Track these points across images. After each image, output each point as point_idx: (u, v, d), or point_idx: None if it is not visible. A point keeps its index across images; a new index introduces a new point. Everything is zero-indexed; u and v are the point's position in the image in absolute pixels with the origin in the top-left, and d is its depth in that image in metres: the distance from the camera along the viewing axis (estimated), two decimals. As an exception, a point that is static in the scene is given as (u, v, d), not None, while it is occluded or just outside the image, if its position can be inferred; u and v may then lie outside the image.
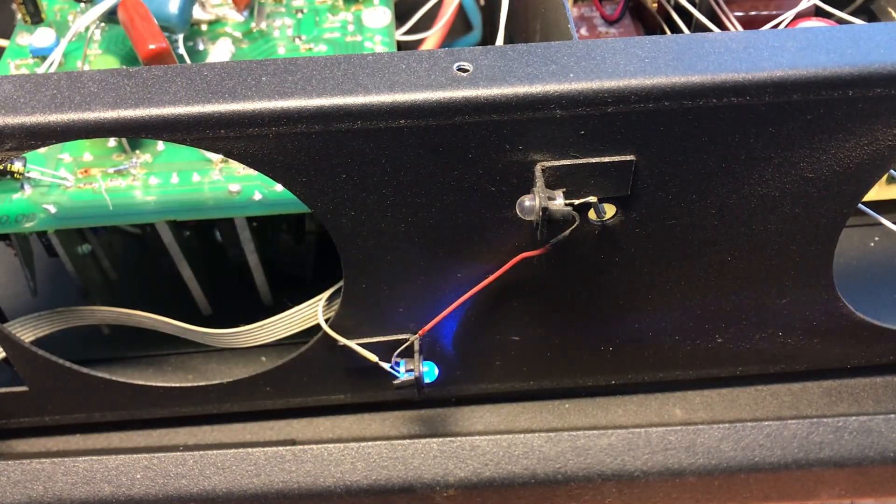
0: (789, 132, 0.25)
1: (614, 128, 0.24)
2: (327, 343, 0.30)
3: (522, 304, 0.30)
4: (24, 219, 0.30)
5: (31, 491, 0.30)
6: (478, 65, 0.24)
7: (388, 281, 0.28)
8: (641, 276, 0.29)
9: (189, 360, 0.37)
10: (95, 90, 0.23)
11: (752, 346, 0.33)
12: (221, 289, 0.37)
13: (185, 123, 0.23)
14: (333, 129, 0.23)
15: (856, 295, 0.31)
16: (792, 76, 0.24)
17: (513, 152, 0.24)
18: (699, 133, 0.25)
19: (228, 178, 0.31)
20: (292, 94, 0.23)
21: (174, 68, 0.24)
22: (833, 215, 0.28)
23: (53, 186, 0.31)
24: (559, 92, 0.23)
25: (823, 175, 0.26)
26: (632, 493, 0.31)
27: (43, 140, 0.23)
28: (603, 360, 0.33)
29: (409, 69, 0.24)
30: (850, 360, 0.34)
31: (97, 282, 0.37)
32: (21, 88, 0.24)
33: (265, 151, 0.24)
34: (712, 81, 0.23)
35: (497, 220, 0.26)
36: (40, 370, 0.31)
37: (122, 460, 0.30)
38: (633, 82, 0.23)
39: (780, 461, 0.30)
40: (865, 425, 0.30)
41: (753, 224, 0.28)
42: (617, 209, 0.27)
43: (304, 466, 0.31)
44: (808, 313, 0.31)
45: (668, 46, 0.25)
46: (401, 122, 0.23)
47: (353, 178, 0.25)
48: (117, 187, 0.31)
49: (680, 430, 0.29)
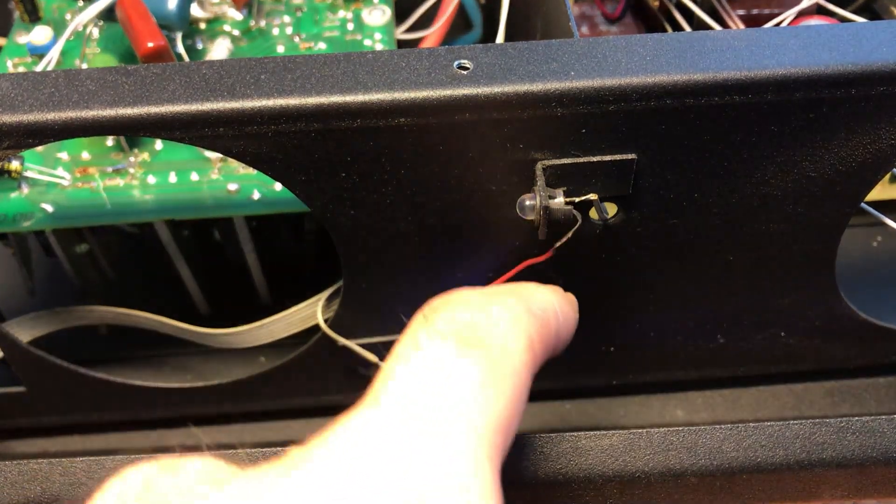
0: (791, 131, 0.25)
1: (616, 126, 0.24)
2: (327, 343, 0.30)
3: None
4: (22, 218, 0.30)
5: (29, 492, 0.30)
6: (478, 63, 0.24)
7: (387, 281, 0.28)
8: (642, 275, 0.29)
9: (188, 361, 0.36)
10: (93, 88, 0.23)
11: (754, 346, 0.33)
12: (220, 289, 0.37)
13: (183, 122, 0.23)
14: (333, 128, 0.23)
15: (858, 295, 0.31)
16: (794, 74, 0.23)
17: (513, 151, 0.24)
18: (701, 131, 0.24)
19: (227, 177, 0.31)
20: (291, 93, 0.23)
21: (172, 66, 0.24)
22: (835, 214, 0.28)
23: (51, 185, 0.31)
24: (560, 90, 0.23)
25: (826, 174, 0.26)
26: (633, 494, 0.31)
27: (41, 138, 0.23)
28: (604, 360, 0.33)
29: (408, 67, 0.24)
30: (853, 361, 0.34)
31: (95, 281, 0.36)
32: (19, 86, 0.23)
33: (264, 150, 0.24)
34: (714, 79, 0.23)
35: (497, 220, 0.26)
36: (38, 370, 0.31)
37: (120, 461, 0.30)
38: (635, 80, 0.23)
39: (783, 462, 0.29)
40: (868, 426, 0.29)
41: (755, 223, 0.28)
42: (618, 208, 0.27)
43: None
44: (810, 313, 0.31)
45: (670, 44, 0.24)
46: (400, 121, 0.23)
47: (352, 176, 0.25)
48: (115, 186, 0.31)
49: (682, 431, 0.29)
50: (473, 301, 0.20)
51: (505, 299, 0.21)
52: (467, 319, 0.19)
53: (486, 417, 0.17)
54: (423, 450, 0.16)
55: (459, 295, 0.21)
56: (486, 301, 0.20)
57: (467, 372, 0.18)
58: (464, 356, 0.18)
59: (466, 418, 0.17)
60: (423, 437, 0.16)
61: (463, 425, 0.17)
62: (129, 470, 0.17)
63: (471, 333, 0.19)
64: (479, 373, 0.18)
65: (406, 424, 0.16)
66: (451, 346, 0.18)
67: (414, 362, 0.18)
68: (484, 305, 0.20)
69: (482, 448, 0.17)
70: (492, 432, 0.17)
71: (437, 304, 0.20)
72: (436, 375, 0.17)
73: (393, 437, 0.16)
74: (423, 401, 0.17)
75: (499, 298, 0.21)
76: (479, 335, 0.19)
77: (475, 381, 0.18)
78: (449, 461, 0.16)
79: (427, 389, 0.17)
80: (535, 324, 0.20)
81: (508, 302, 0.20)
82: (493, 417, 0.17)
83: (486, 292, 0.21)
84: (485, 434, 0.17)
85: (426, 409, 0.17)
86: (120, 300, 0.33)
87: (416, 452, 0.16)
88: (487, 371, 0.18)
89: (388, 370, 0.18)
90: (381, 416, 0.17)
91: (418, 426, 0.16)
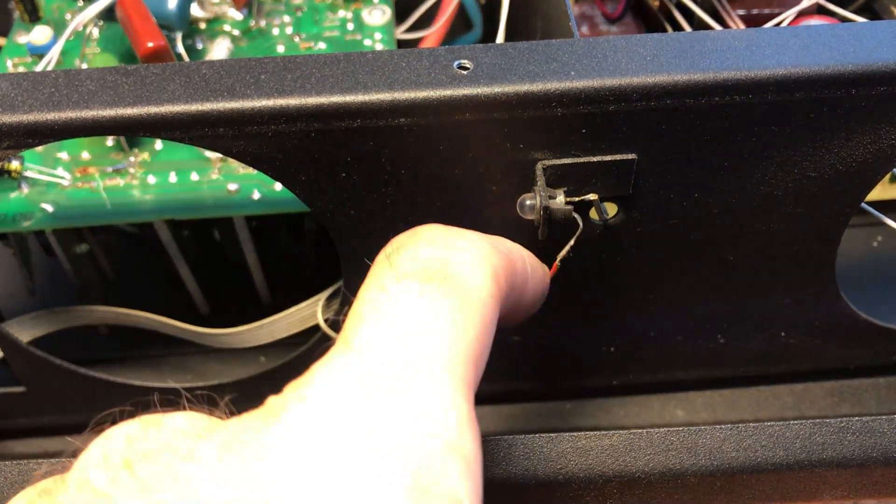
0: (792, 131, 0.25)
1: (616, 126, 0.24)
2: (326, 343, 0.30)
3: (523, 304, 0.30)
4: (22, 218, 0.30)
5: (29, 492, 0.30)
6: (478, 63, 0.24)
7: (387, 280, 0.28)
8: (642, 275, 0.29)
9: (187, 361, 0.36)
10: (93, 88, 0.23)
11: (755, 346, 0.32)
12: (220, 288, 0.37)
13: (183, 121, 0.23)
14: (333, 128, 0.23)
15: (858, 295, 0.31)
16: (794, 74, 0.23)
17: (514, 151, 0.24)
18: (701, 131, 0.24)
19: (227, 177, 0.31)
20: (291, 93, 0.23)
21: (172, 66, 0.24)
22: (836, 214, 0.28)
23: (51, 185, 0.31)
24: (560, 90, 0.23)
25: (826, 174, 0.26)
26: (633, 494, 0.31)
27: (40, 138, 0.23)
28: (604, 361, 0.33)
29: (409, 67, 0.24)
30: (853, 361, 0.34)
31: (95, 281, 0.36)
32: (18, 86, 0.23)
33: (264, 150, 0.24)
34: (714, 79, 0.23)
35: (498, 220, 0.26)
36: (38, 370, 0.31)
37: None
38: (635, 80, 0.23)
39: (783, 462, 0.29)
40: (868, 426, 0.29)
41: (755, 223, 0.28)
42: (618, 208, 0.27)
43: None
44: (810, 313, 0.31)
45: (670, 44, 0.24)
46: (401, 121, 0.23)
47: (352, 176, 0.25)
48: (115, 186, 0.31)
49: (682, 431, 0.29)
50: (437, 237, 0.20)
51: (468, 234, 0.21)
52: (431, 255, 0.19)
53: (458, 352, 0.17)
54: (401, 392, 0.16)
55: (422, 231, 0.20)
56: (449, 236, 0.20)
57: (434, 309, 0.18)
58: (429, 293, 0.18)
59: (438, 356, 0.17)
60: (398, 381, 0.16)
61: (436, 364, 0.17)
62: (112, 429, 0.17)
63: (435, 270, 0.19)
64: (446, 308, 0.18)
65: (380, 368, 0.17)
66: (415, 286, 0.18)
67: (381, 306, 0.18)
68: (447, 241, 0.20)
69: (456, 382, 0.17)
70: (464, 365, 0.17)
71: (400, 242, 0.20)
72: (404, 317, 0.18)
73: (368, 383, 0.16)
74: (394, 344, 0.17)
75: (462, 233, 0.21)
76: (444, 270, 0.19)
77: (443, 317, 0.18)
78: (428, 399, 0.16)
79: (397, 332, 0.17)
80: (499, 259, 0.20)
81: (471, 237, 0.20)
82: (463, 351, 0.18)
83: (450, 228, 0.21)
84: (458, 368, 0.17)
85: (398, 352, 0.17)
86: (120, 300, 0.33)
87: (393, 395, 0.16)
88: (454, 306, 0.18)
89: (356, 315, 0.18)
90: (355, 363, 0.17)
91: (392, 370, 0.16)
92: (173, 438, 0.16)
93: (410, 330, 0.17)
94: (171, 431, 0.16)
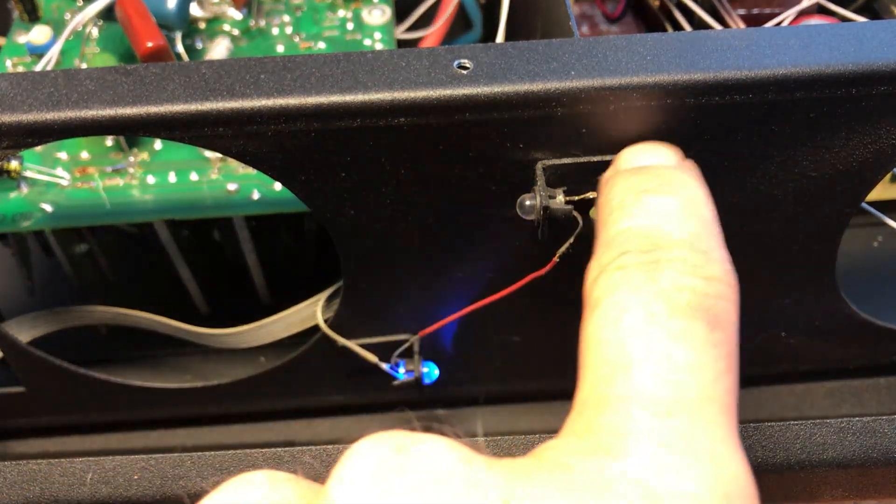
0: (792, 130, 0.25)
1: (616, 126, 0.24)
2: (326, 343, 0.30)
3: (523, 305, 0.30)
4: (21, 218, 0.30)
5: (28, 492, 0.30)
6: (478, 62, 0.24)
7: (387, 281, 0.28)
8: (643, 275, 0.29)
9: (187, 361, 0.36)
10: (93, 88, 0.23)
11: (755, 346, 0.32)
12: (220, 289, 0.37)
13: (183, 121, 0.23)
14: (332, 127, 0.23)
15: (859, 295, 0.31)
16: (795, 74, 0.23)
17: (513, 150, 0.24)
18: (701, 131, 0.24)
19: (227, 177, 0.31)
20: (291, 92, 0.23)
21: (172, 66, 0.24)
22: (836, 214, 0.28)
23: (50, 185, 0.31)
24: (560, 90, 0.23)
25: (826, 174, 0.26)
26: (633, 495, 0.31)
27: (40, 138, 0.23)
28: (604, 361, 0.33)
29: (408, 67, 0.24)
30: (854, 361, 0.34)
31: (95, 281, 0.36)
32: (18, 86, 0.23)
33: (264, 150, 0.24)
34: (714, 79, 0.23)
35: (497, 220, 0.26)
36: (37, 370, 0.31)
37: (119, 461, 0.30)
38: (635, 80, 0.23)
39: (783, 462, 0.29)
40: (869, 426, 0.29)
41: (755, 223, 0.28)
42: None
43: (302, 468, 0.31)
44: (810, 313, 0.31)
45: (671, 44, 0.24)
46: (400, 120, 0.23)
47: (352, 176, 0.25)
48: (115, 186, 0.31)
49: (682, 431, 0.29)
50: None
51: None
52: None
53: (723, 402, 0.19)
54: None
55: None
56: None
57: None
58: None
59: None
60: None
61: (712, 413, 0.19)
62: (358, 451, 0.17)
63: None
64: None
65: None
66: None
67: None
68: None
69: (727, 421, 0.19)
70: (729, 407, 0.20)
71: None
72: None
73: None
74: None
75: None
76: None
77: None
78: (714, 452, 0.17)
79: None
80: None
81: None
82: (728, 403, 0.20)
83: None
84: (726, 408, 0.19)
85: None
86: (120, 300, 0.33)
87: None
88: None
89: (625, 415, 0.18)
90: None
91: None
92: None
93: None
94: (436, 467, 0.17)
